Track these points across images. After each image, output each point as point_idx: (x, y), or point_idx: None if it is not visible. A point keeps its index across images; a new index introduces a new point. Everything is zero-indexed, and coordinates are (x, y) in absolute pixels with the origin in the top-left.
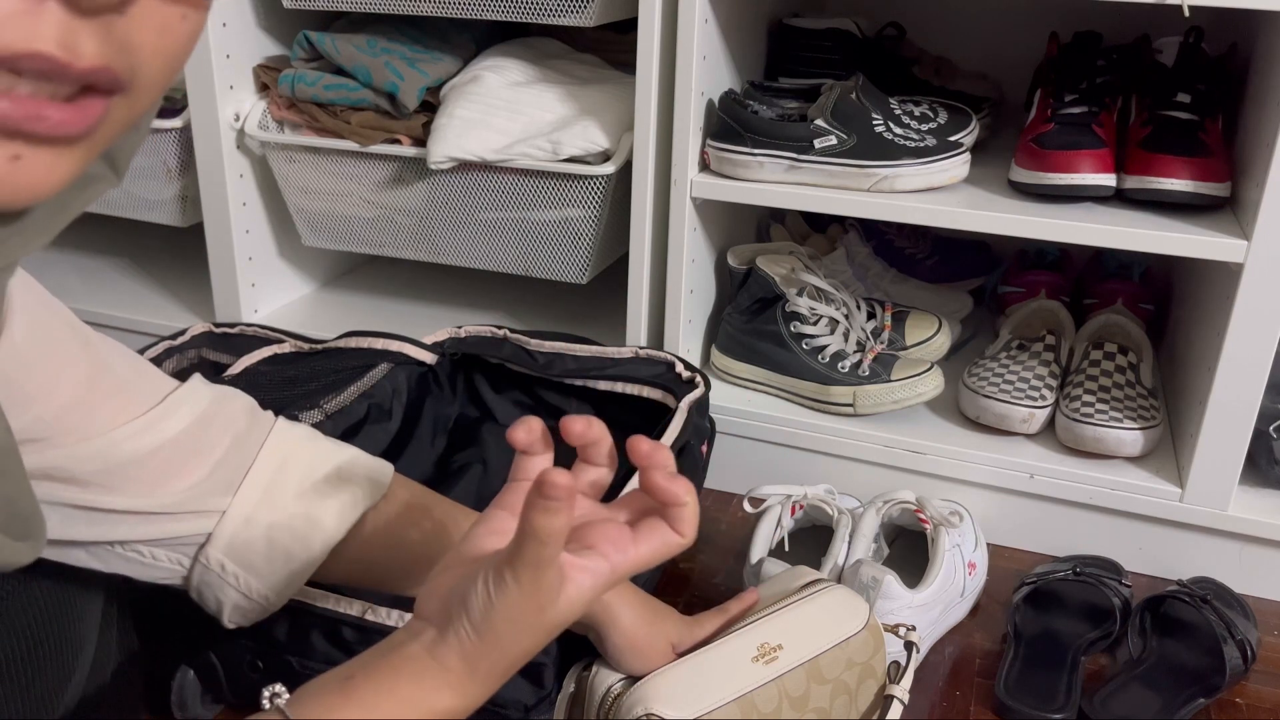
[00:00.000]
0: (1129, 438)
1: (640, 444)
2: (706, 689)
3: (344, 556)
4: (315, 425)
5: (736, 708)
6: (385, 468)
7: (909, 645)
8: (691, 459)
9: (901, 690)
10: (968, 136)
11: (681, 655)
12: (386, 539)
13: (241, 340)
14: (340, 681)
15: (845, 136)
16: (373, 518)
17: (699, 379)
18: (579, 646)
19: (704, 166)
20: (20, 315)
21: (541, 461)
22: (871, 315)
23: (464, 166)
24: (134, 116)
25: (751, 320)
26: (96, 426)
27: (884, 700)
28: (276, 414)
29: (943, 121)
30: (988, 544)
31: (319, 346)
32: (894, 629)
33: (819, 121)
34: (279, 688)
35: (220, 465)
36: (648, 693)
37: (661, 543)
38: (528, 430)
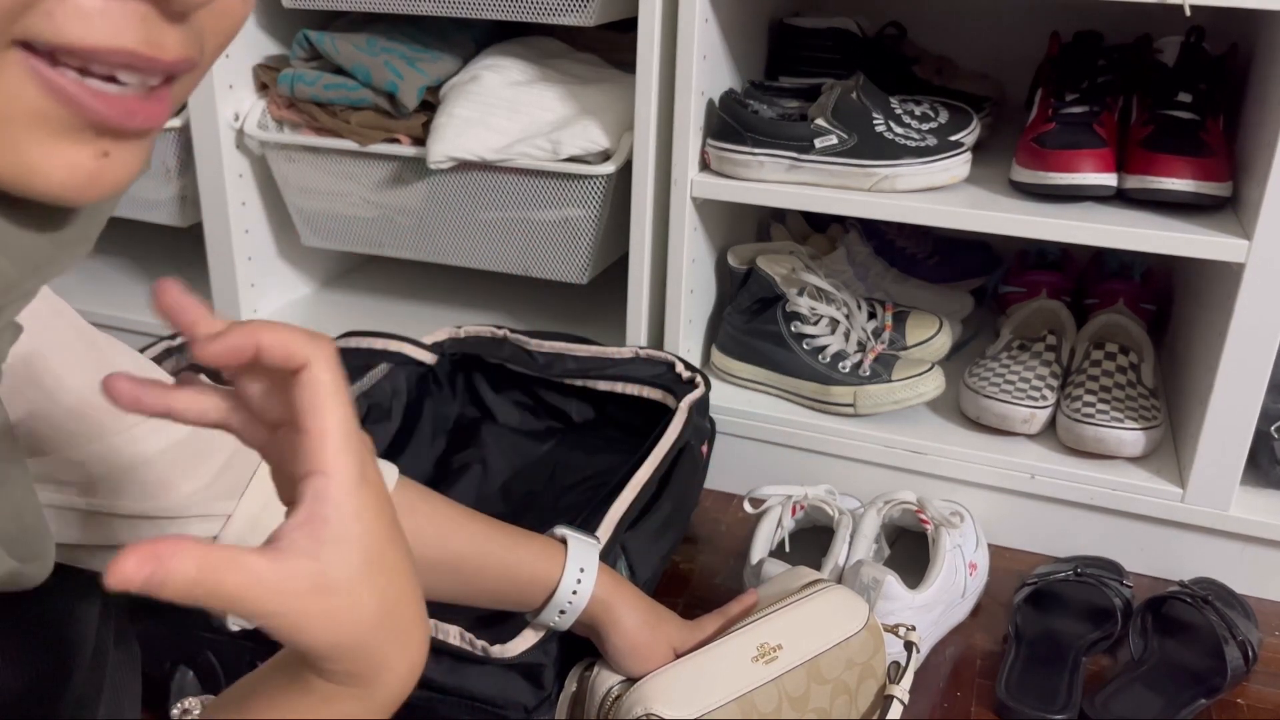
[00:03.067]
0: (1130, 438)
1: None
2: (706, 689)
3: None
4: None
5: (736, 708)
6: (390, 469)
7: (909, 645)
8: (691, 459)
9: (901, 690)
10: (968, 136)
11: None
12: (429, 546)
13: None
14: (239, 698)
15: (846, 136)
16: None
17: (699, 379)
18: (580, 647)
19: (704, 166)
20: (27, 318)
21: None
22: (872, 315)
23: (463, 166)
24: (186, 96)
25: (752, 320)
26: (103, 429)
27: (884, 700)
28: None
29: (943, 121)
30: (989, 544)
31: None
32: (894, 629)
33: (819, 121)
34: (190, 702)
35: (225, 469)
36: (647, 693)
37: None
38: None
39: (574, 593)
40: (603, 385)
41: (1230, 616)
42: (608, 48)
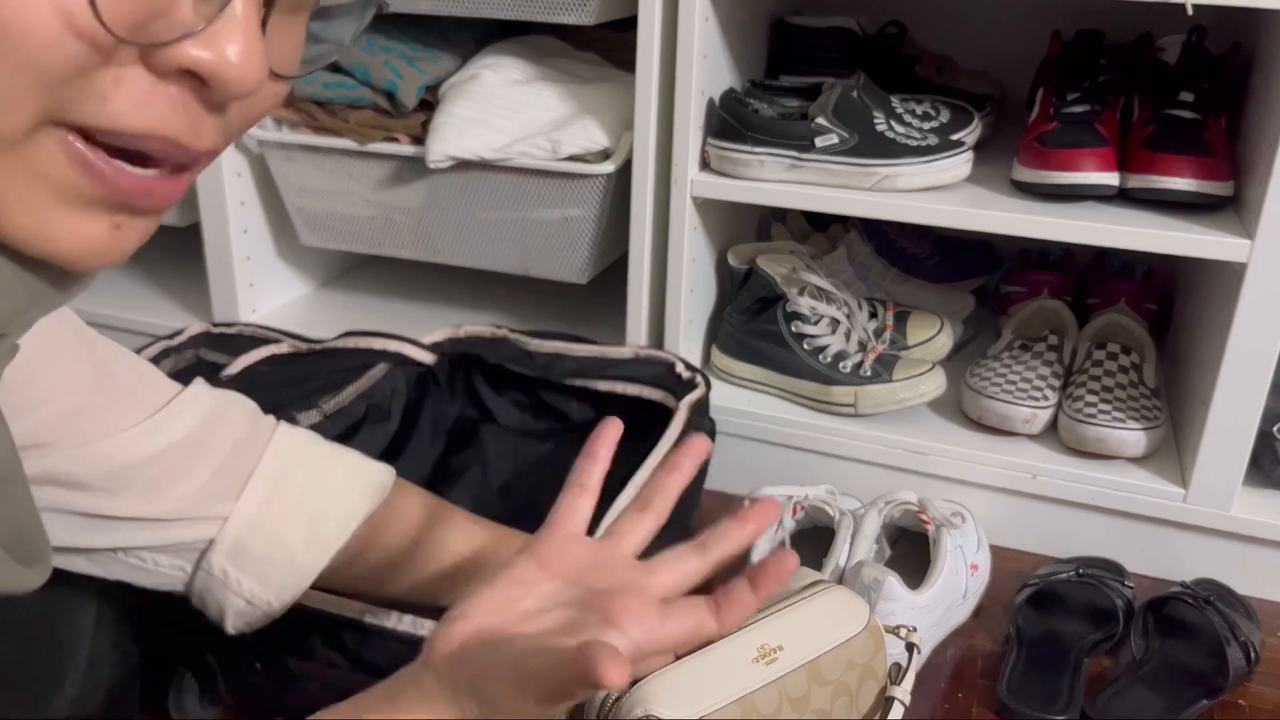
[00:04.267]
0: (1132, 438)
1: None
2: (706, 690)
3: (347, 561)
4: (313, 426)
5: (737, 708)
6: (388, 472)
7: (910, 647)
8: None
9: (902, 692)
10: (970, 135)
11: (680, 656)
12: (389, 544)
13: (239, 340)
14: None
15: (846, 135)
16: (375, 522)
17: (699, 379)
18: None
19: (704, 165)
20: None
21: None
22: (873, 315)
23: (463, 165)
24: (197, 176)
25: (752, 320)
26: (101, 430)
27: (885, 702)
28: (275, 415)
29: (944, 120)
30: (990, 545)
31: (317, 347)
32: (895, 630)
33: (820, 120)
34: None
35: (222, 470)
36: (647, 694)
37: (695, 626)
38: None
39: None
40: (602, 385)
41: (1232, 617)
42: (608, 47)
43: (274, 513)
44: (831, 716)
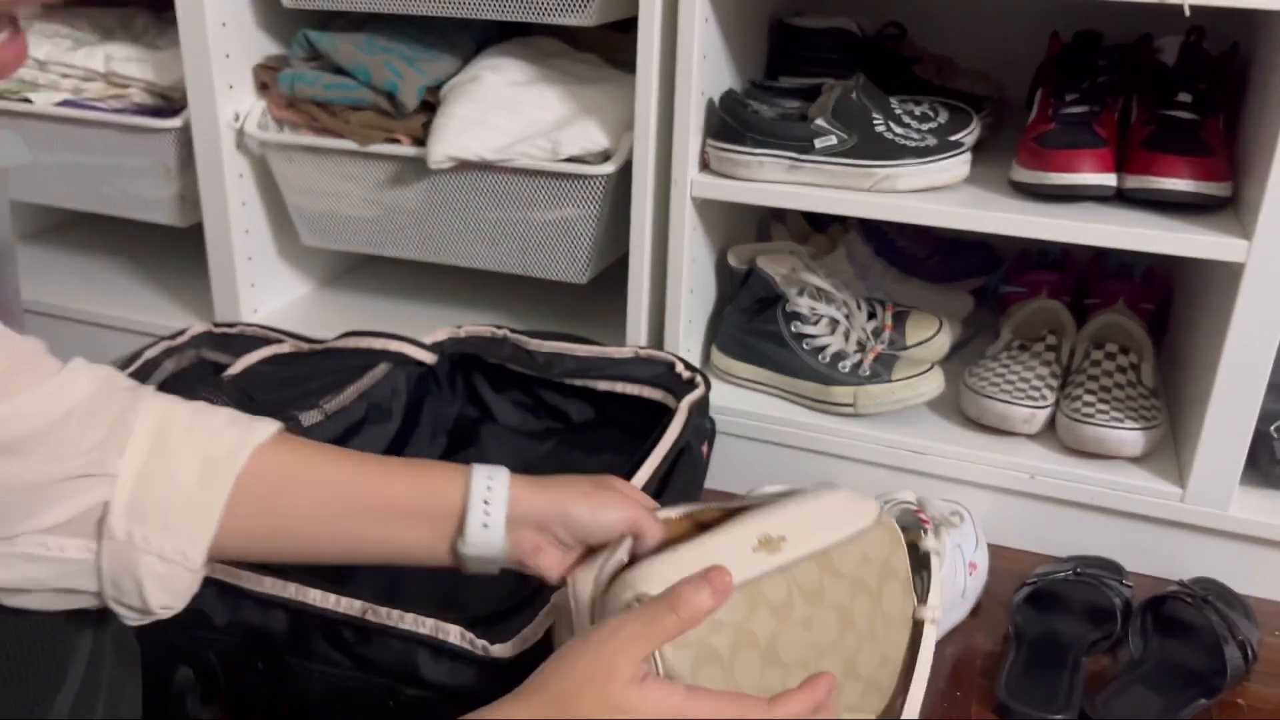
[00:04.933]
0: (1130, 438)
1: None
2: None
3: (248, 499)
4: (314, 425)
5: (741, 596)
6: (272, 421)
7: (925, 558)
8: (692, 459)
9: (931, 610)
10: (968, 136)
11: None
12: (289, 475)
13: (241, 340)
14: None
15: (846, 136)
16: (270, 452)
17: (699, 379)
18: None
19: (704, 166)
20: None
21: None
22: (872, 315)
23: (464, 166)
24: None
25: (752, 320)
26: (5, 394)
27: (915, 626)
28: (277, 415)
29: (943, 121)
30: (989, 544)
31: (318, 346)
32: (916, 511)
33: (819, 121)
34: None
35: (108, 431)
36: (639, 577)
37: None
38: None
39: (488, 489)
40: (603, 385)
41: (1230, 616)
42: (608, 48)
43: (161, 456)
44: (854, 613)
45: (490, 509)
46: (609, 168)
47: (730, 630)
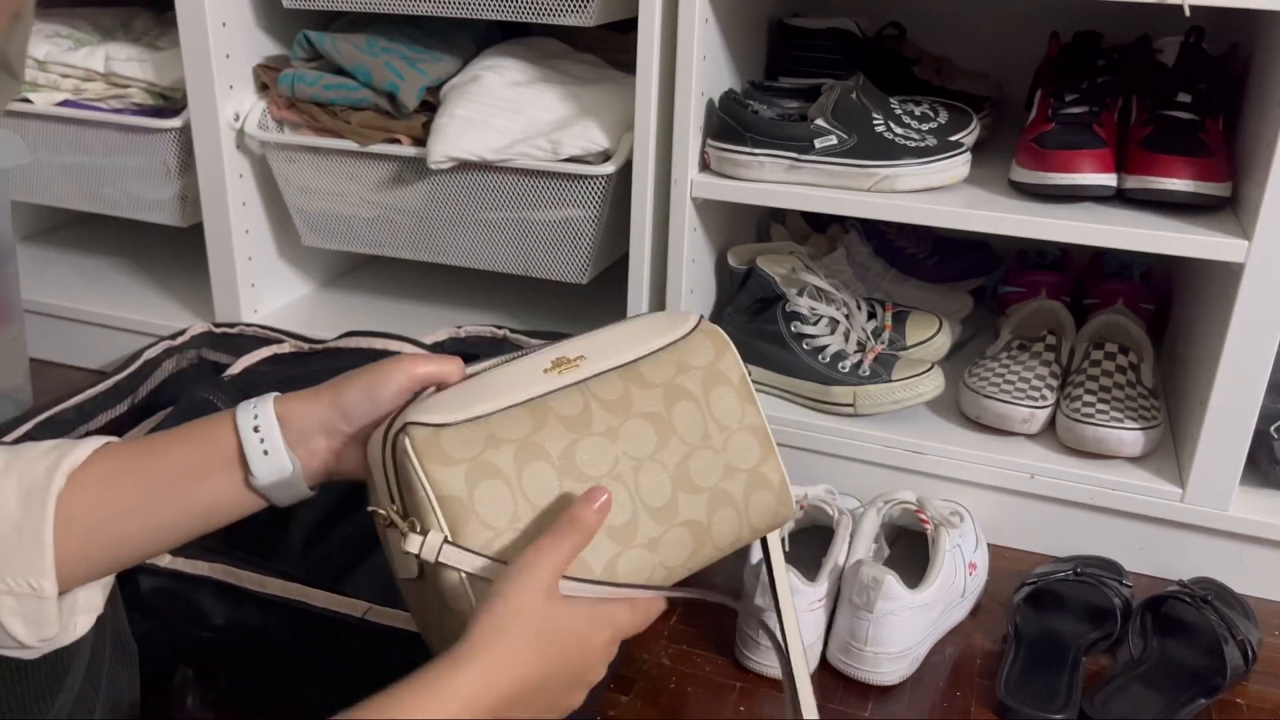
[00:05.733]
0: (1130, 438)
1: None
2: (485, 398)
3: (73, 521)
4: None
5: (524, 412)
6: (94, 438)
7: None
8: None
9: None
10: (968, 136)
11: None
12: (105, 486)
13: (241, 340)
14: None
15: (846, 136)
16: (86, 474)
17: None
18: None
19: (704, 166)
20: None
21: None
22: (872, 315)
23: (464, 166)
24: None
25: (752, 320)
26: None
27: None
28: None
29: (943, 121)
30: (988, 544)
31: (319, 346)
32: None
33: (819, 121)
34: None
35: None
36: (410, 409)
37: None
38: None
39: (255, 416)
40: None
41: (1230, 616)
42: (608, 48)
43: None
44: (672, 422)
45: (263, 433)
46: (609, 168)
47: (513, 446)
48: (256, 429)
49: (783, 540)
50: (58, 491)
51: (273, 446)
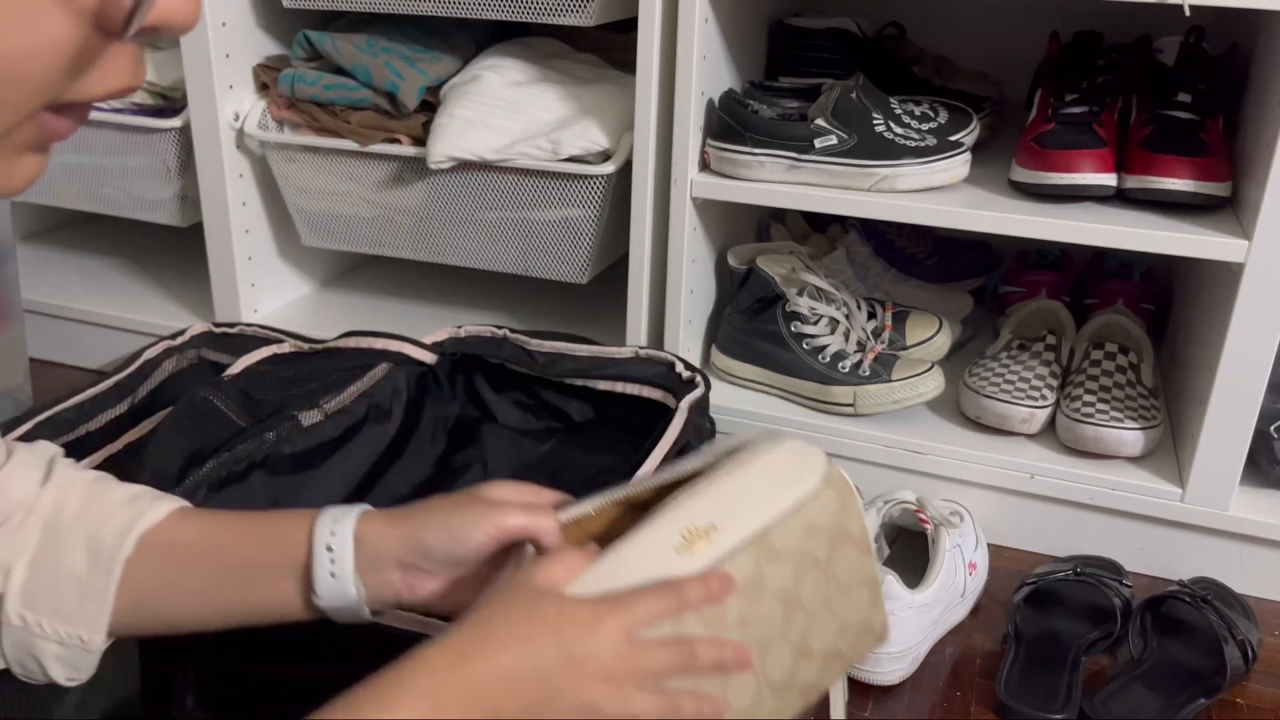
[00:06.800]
0: (1130, 438)
1: None
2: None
3: (139, 581)
4: (315, 425)
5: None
6: (173, 498)
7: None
8: None
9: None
10: (968, 136)
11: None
12: (173, 552)
13: (241, 340)
14: None
15: (846, 136)
16: (160, 534)
17: (699, 379)
18: None
19: (704, 166)
20: None
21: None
22: (872, 315)
23: (464, 166)
24: None
25: (752, 320)
26: None
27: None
28: (277, 414)
29: (943, 121)
30: (988, 544)
31: (319, 346)
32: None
33: (819, 121)
34: None
35: (8, 519)
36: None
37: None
38: None
39: (333, 526)
40: (603, 385)
41: (1230, 616)
42: (608, 48)
43: (52, 543)
44: (801, 597)
45: (336, 556)
46: (609, 168)
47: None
48: (330, 547)
49: None
50: (126, 557)
51: (341, 572)
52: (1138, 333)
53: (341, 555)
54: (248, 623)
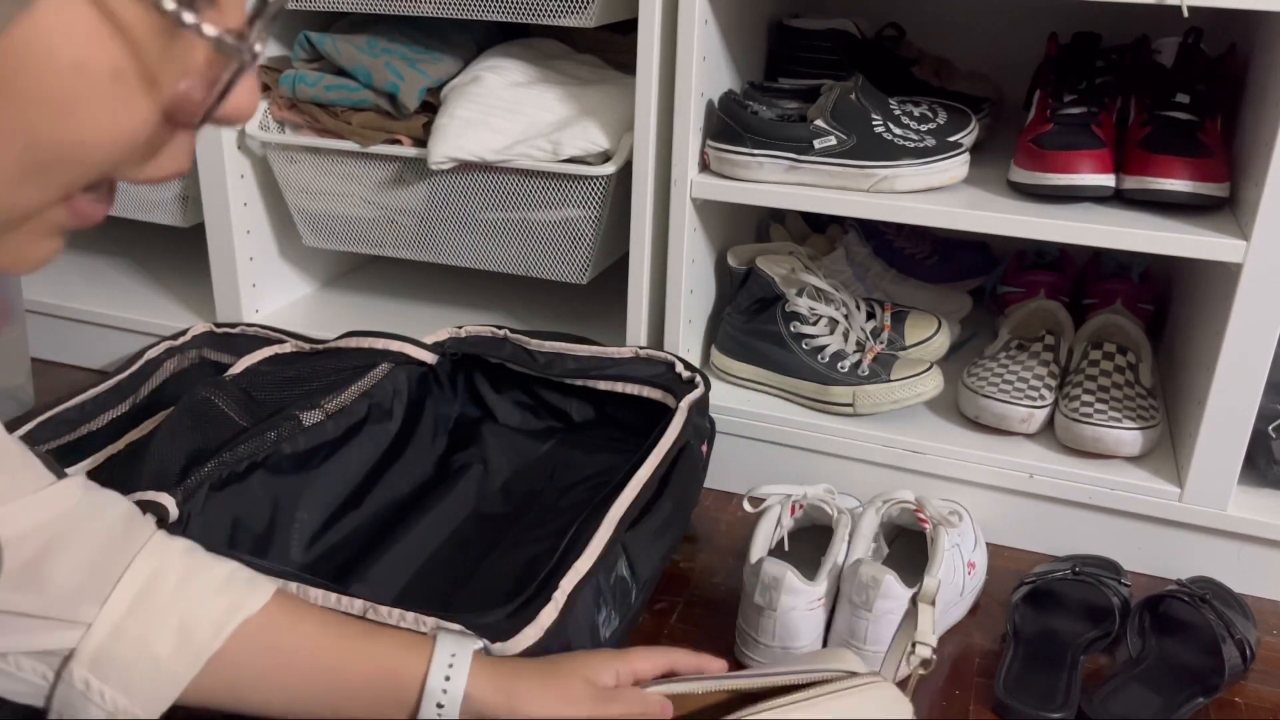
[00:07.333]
0: (1128, 437)
1: None
2: None
3: (218, 668)
4: (315, 425)
5: None
6: (266, 581)
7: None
8: (691, 459)
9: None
10: (967, 137)
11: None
12: (264, 650)
13: (242, 340)
14: None
15: (845, 137)
16: (252, 627)
17: (699, 379)
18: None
19: (704, 167)
20: None
21: None
22: (871, 315)
23: (464, 167)
24: None
25: (751, 320)
26: None
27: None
28: (279, 414)
29: (942, 122)
30: (987, 543)
31: (320, 346)
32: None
33: (819, 122)
34: None
35: (93, 569)
36: None
37: None
38: None
39: (446, 679)
40: (603, 385)
41: (1228, 615)
42: (608, 49)
43: (141, 617)
44: None
45: (447, 691)
46: (609, 168)
47: None
48: (440, 705)
49: (782, 540)
50: (215, 651)
51: (450, 702)
52: (1136, 333)
53: (456, 685)
54: None
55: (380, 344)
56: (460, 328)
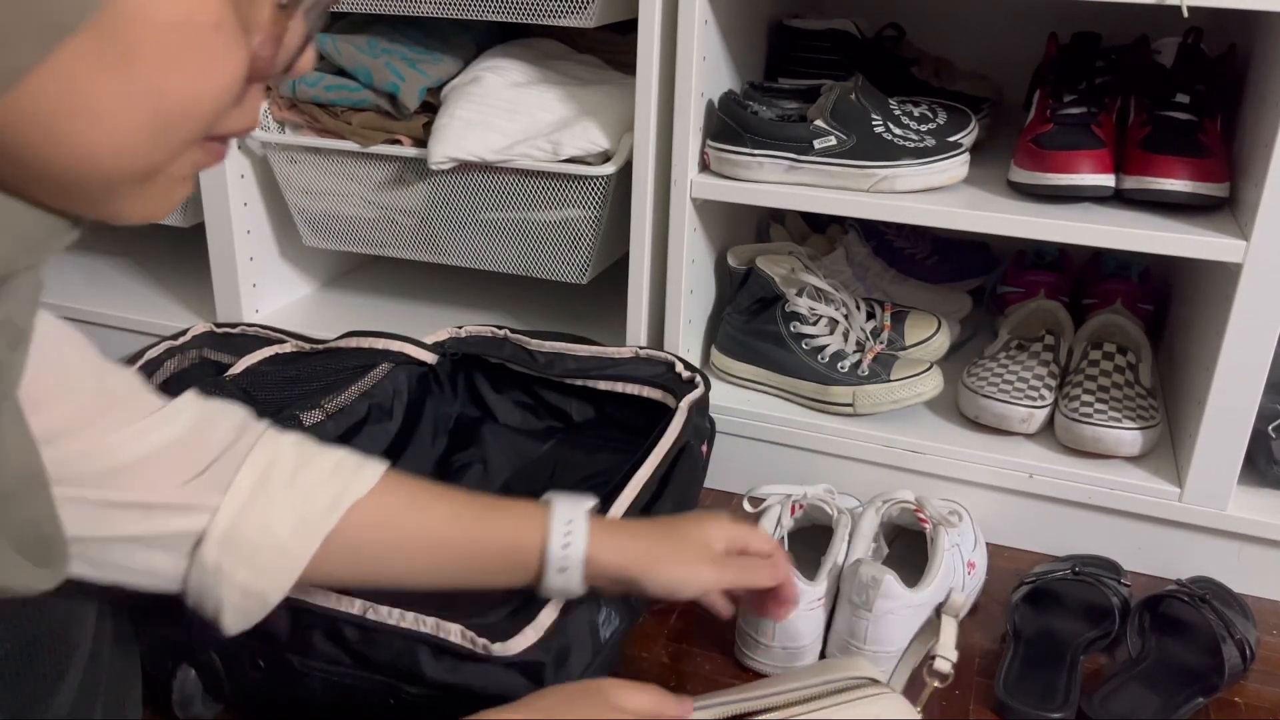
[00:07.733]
0: (1128, 437)
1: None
2: None
3: (338, 547)
4: (316, 425)
5: None
6: (377, 462)
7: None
8: (691, 459)
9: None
10: (967, 137)
11: None
12: (380, 528)
13: (243, 340)
14: None
15: (845, 137)
16: (365, 507)
17: (699, 379)
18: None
19: (704, 167)
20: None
21: None
22: (871, 315)
23: (464, 167)
24: None
25: (751, 320)
26: (101, 429)
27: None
28: (278, 414)
29: (942, 122)
30: (987, 543)
31: (320, 346)
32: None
33: (818, 122)
34: None
35: (215, 464)
36: None
37: None
38: None
39: (565, 545)
40: (603, 385)
41: (1228, 615)
42: (608, 49)
43: (261, 501)
44: None
45: (568, 554)
46: (609, 169)
47: None
48: (563, 568)
49: (782, 540)
50: (329, 530)
51: (572, 576)
52: (1136, 333)
53: (575, 549)
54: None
55: (380, 344)
56: (460, 328)
